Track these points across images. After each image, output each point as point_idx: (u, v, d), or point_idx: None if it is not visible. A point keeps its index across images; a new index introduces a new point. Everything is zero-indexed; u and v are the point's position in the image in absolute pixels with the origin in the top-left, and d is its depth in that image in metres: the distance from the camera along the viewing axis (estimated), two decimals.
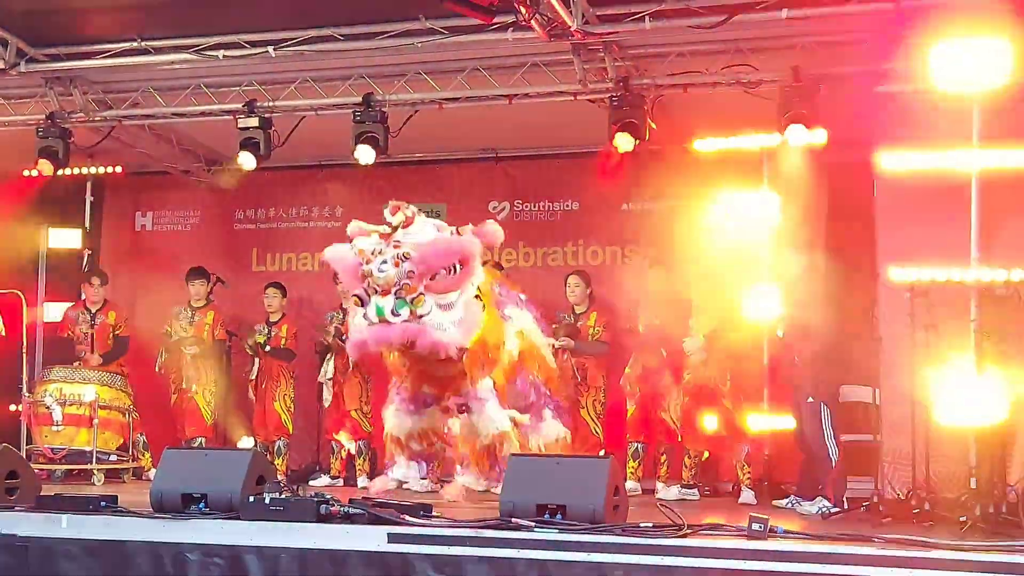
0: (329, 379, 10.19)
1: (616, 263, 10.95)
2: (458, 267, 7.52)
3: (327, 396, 10.19)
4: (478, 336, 7.69)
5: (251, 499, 6.40)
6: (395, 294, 7.28)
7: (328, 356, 10.26)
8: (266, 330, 10.52)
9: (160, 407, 10.84)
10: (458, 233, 7.67)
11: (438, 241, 7.33)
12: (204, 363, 10.61)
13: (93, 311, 10.83)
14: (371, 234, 7.53)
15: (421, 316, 7.32)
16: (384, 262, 7.20)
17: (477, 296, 7.66)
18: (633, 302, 9.98)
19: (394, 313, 7.30)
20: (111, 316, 10.85)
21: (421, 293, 7.34)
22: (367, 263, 7.26)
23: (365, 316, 7.42)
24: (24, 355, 10.17)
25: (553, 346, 9.20)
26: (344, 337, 10.14)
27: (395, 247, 7.28)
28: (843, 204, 9.99)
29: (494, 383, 8.01)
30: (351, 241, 7.66)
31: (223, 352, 10.81)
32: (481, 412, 7.92)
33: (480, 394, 7.92)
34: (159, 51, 9.07)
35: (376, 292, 7.33)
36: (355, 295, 7.49)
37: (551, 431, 8.50)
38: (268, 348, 10.42)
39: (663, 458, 9.61)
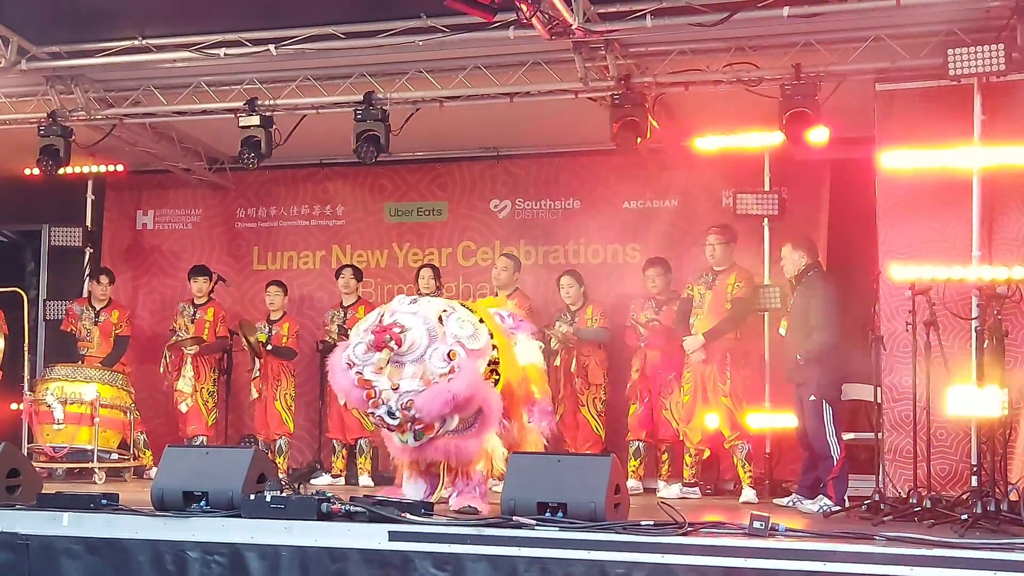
0: None
1: (617, 262, 10.93)
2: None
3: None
4: (502, 386, 7.48)
5: (252, 497, 6.38)
6: (411, 430, 7.20)
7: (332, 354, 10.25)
8: (267, 328, 10.53)
9: (161, 406, 10.85)
10: (448, 360, 7.11)
11: (435, 395, 6.94)
12: (204, 362, 10.62)
13: (97, 308, 10.86)
14: (362, 345, 7.17)
15: (443, 434, 7.25)
16: (391, 412, 7.02)
17: (491, 365, 7.36)
18: (634, 300, 10.01)
19: (416, 439, 7.26)
20: (114, 315, 10.89)
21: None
22: (374, 407, 7.09)
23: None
24: (25, 353, 10.16)
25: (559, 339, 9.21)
26: (349, 331, 10.17)
27: (393, 389, 6.99)
28: (844, 202, 10.02)
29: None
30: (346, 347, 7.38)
31: (224, 350, 10.81)
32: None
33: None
34: (160, 49, 9.06)
35: (391, 429, 7.29)
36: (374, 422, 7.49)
37: (532, 435, 8.13)
38: (269, 347, 10.42)
39: (664, 456, 9.63)
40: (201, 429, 10.53)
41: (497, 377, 7.35)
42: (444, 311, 7.24)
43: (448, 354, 7.01)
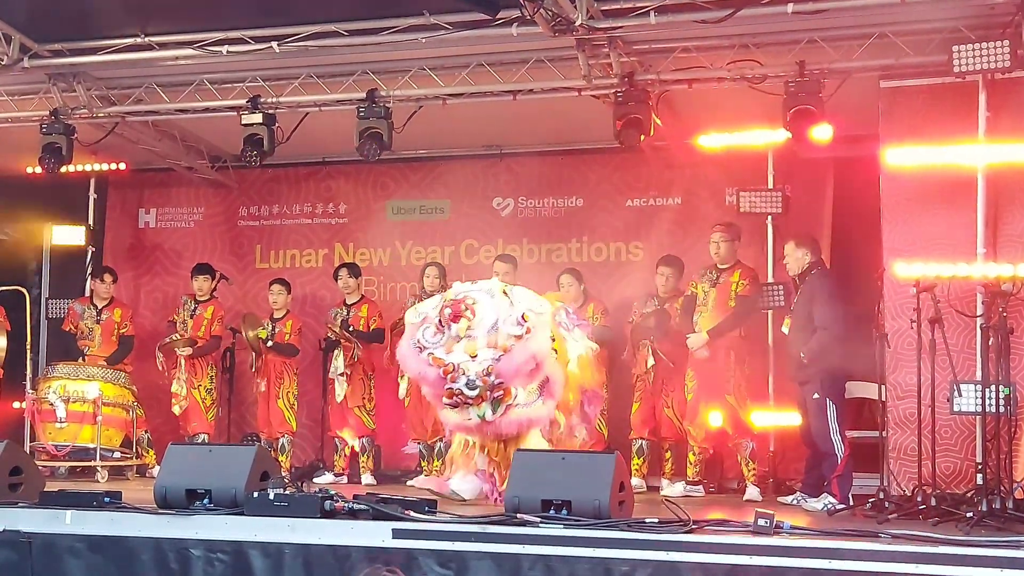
0: (340, 374, 10.17)
1: (620, 260, 10.92)
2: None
3: (340, 391, 10.15)
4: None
5: (255, 495, 6.37)
6: (490, 399, 7.43)
7: (336, 352, 10.25)
8: (270, 326, 10.51)
9: (163, 404, 10.84)
10: (522, 322, 7.52)
11: (515, 355, 7.34)
12: (200, 360, 10.61)
13: (99, 307, 10.85)
14: (431, 325, 7.54)
15: (514, 406, 7.52)
16: (470, 381, 7.31)
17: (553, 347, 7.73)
18: (636, 299, 9.99)
19: (493, 412, 7.47)
20: (117, 313, 10.88)
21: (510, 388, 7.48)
22: (452, 381, 7.36)
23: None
24: (28, 352, 10.15)
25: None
26: (351, 328, 10.17)
27: (472, 358, 7.32)
28: (848, 199, 10.00)
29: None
30: (415, 332, 7.66)
31: (226, 350, 10.79)
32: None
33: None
34: (162, 47, 9.04)
35: (469, 403, 7.45)
36: (448, 404, 7.60)
37: (580, 434, 8.44)
38: (270, 343, 10.40)
39: (668, 455, 9.61)
40: (202, 427, 10.53)
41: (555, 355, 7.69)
42: (506, 286, 7.76)
43: (521, 317, 7.42)
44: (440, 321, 7.50)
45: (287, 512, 6.24)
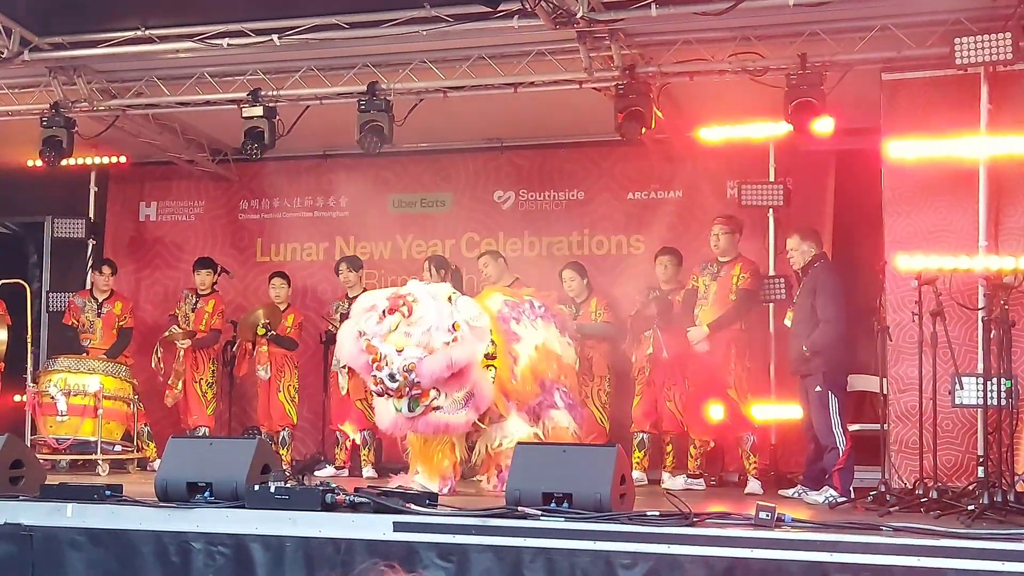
0: (343, 367, 10.16)
1: (622, 253, 10.91)
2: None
3: (343, 384, 10.15)
4: (494, 380, 8.08)
5: (256, 488, 6.37)
6: (408, 395, 7.70)
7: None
8: (268, 321, 10.48)
9: (164, 397, 10.83)
10: (452, 330, 7.71)
11: (434, 360, 7.57)
12: (201, 353, 10.61)
13: (100, 300, 10.86)
14: (375, 313, 7.77)
15: (435, 408, 7.77)
16: (392, 375, 7.58)
17: (487, 359, 7.99)
18: (639, 291, 9.98)
19: (410, 409, 7.75)
20: (117, 306, 10.88)
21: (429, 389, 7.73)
22: (378, 369, 7.64)
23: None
24: (29, 345, 10.15)
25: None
26: None
27: (398, 352, 7.58)
28: (850, 192, 9.99)
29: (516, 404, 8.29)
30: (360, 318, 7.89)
31: (223, 341, 10.79)
32: (502, 426, 8.17)
33: (504, 414, 8.23)
34: (163, 40, 9.04)
35: (390, 394, 7.74)
36: (373, 391, 8.01)
37: (562, 419, 8.56)
38: (271, 334, 10.38)
39: (669, 448, 9.59)
40: (202, 419, 10.54)
41: (493, 371, 7.99)
42: (454, 293, 7.97)
43: (453, 325, 7.66)
44: (383, 311, 7.73)
45: (288, 505, 6.24)
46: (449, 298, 7.82)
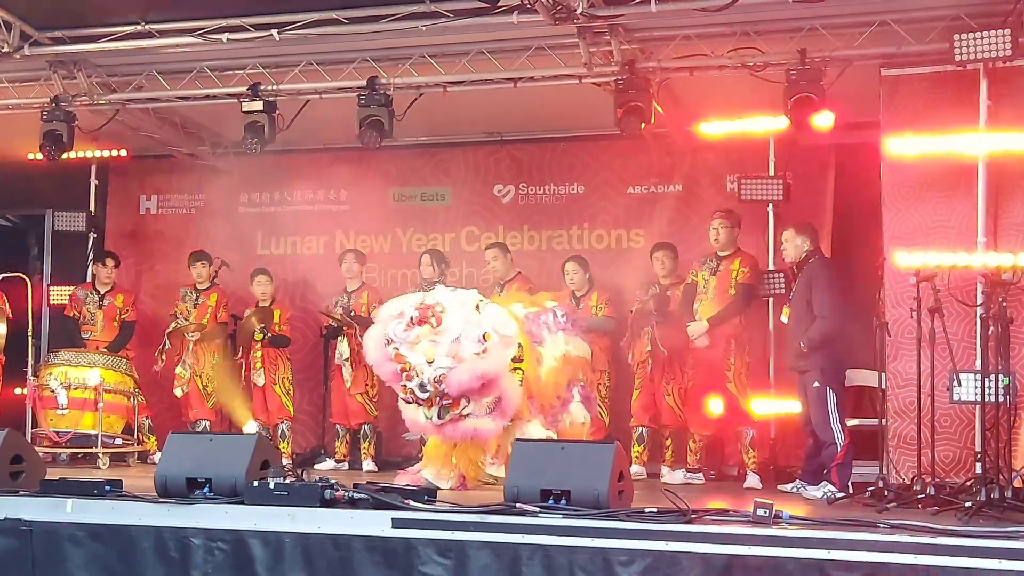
0: (346, 359, 10.18)
1: (622, 247, 10.91)
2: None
3: (347, 376, 10.17)
4: (521, 383, 8.14)
5: (255, 484, 6.39)
6: (438, 405, 7.75)
7: (340, 337, 10.26)
8: (263, 324, 10.47)
9: (165, 391, 10.86)
10: (483, 340, 7.76)
11: (463, 372, 7.63)
12: (205, 347, 10.62)
13: (102, 292, 10.87)
14: (404, 320, 7.79)
15: (465, 415, 7.82)
16: (422, 385, 7.63)
17: (514, 362, 8.04)
18: (639, 286, 9.99)
19: (439, 417, 7.79)
20: (119, 299, 10.90)
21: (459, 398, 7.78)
22: (407, 379, 7.69)
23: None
24: (29, 338, 10.16)
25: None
26: (352, 314, 10.18)
27: (428, 363, 7.63)
28: (849, 187, 9.99)
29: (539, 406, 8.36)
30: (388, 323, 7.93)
31: (226, 335, 10.80)
32: (522, 427, 8.19)
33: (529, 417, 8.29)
34: (163, 34, 9.03)
35: (420, 403, 7.80)
36: (403, 399, 8.01)
37: (578, 414, 8.68)
38: (268, 336, 10.38)
39: (668, 442, 9.61)
40: (203, 413, 10.53)
41: (520, 374, 8.05)
42: (481, 300, 7.99)
43: (483, 336, 7.69)
44: (411, 319, 7.75)
45: (287, 501, 6.26)
46: (477, 306, 7.86)
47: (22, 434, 8.83)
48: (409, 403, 7.90)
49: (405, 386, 7.71)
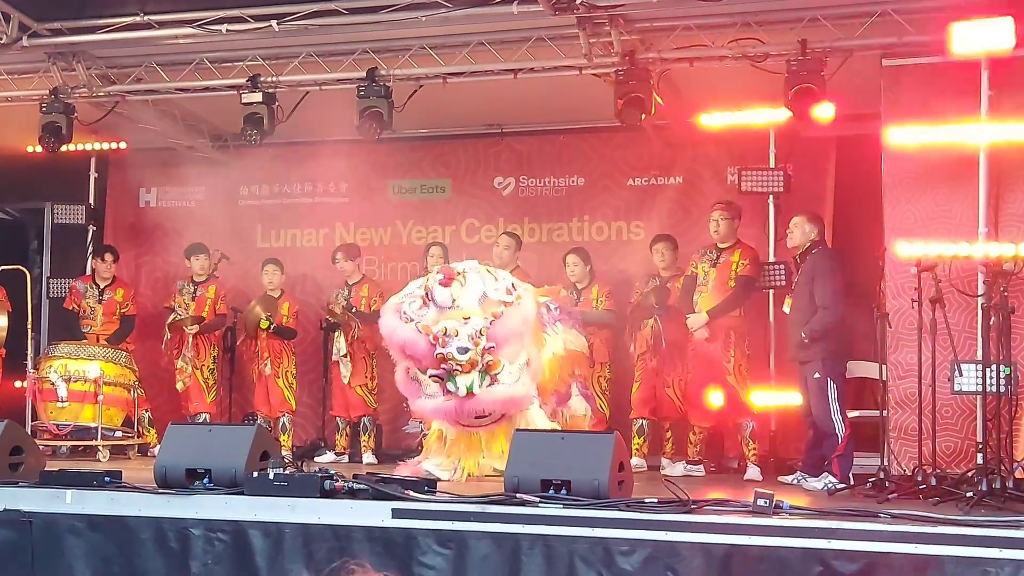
0: (344, 355, 10.17)
1: (622, 239, 10.90)
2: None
3: (345, 372, 10.16)
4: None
5: (255, 475, 6.38)
6: (478, 370, 7.62)
7: (337, 333, 10.25)
8: (269, 313, 10.46)
9: (164, 383, 10.85)
10: (512, 290, 7.85)
11: (508, 319, 7.61)
12: (205, 340, 10.61)
13: (102, 286, 10.86)
14: (415, 298, 7.80)
15: (498, 380, 7.72)
16: (462, 345, 7.50)
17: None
18: (638, 279, 9.97)
19: (478, 385, 7.66)
20: (119, 293, 10.89)
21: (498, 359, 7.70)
22: (442, 346, 7.52)
23: (448, 391, 7.74)
24: (29, 331, 10.15)
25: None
26: (353, 309, 10.17)
27: (464, 321, 7.55)
28: (850, 178, 9.97)
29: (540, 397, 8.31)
30: (399, 311, 7.90)
31: (225, 327, 10.79)
32: (525, 416, 8.11)
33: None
34: (162, 26, 9.02)
35: (458, 371, 7.60)
36: (434, 376, 7.74)
37: (578, 407, 8.72)
38: (272, 327, 10.37)
39: (668, 434, 9.60)
40: (203, 406, 10.53)
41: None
42: (490, 268, 8.07)
43: (511, 285, 7.80)
44: (425, 295, 7.69)
45: (287, 492, 6.25)
46: (487, 270, 7.92)
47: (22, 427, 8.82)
48: (442, 378, 7.66)
49: (442, 354, 7.53)
